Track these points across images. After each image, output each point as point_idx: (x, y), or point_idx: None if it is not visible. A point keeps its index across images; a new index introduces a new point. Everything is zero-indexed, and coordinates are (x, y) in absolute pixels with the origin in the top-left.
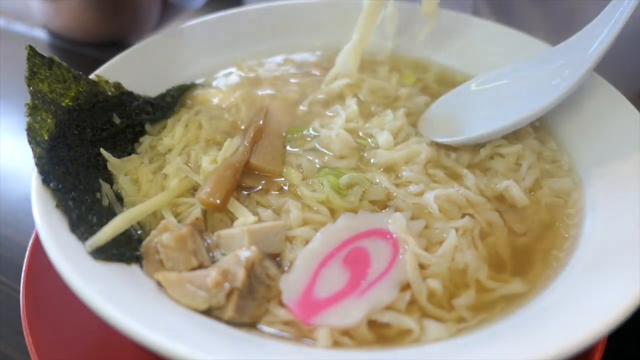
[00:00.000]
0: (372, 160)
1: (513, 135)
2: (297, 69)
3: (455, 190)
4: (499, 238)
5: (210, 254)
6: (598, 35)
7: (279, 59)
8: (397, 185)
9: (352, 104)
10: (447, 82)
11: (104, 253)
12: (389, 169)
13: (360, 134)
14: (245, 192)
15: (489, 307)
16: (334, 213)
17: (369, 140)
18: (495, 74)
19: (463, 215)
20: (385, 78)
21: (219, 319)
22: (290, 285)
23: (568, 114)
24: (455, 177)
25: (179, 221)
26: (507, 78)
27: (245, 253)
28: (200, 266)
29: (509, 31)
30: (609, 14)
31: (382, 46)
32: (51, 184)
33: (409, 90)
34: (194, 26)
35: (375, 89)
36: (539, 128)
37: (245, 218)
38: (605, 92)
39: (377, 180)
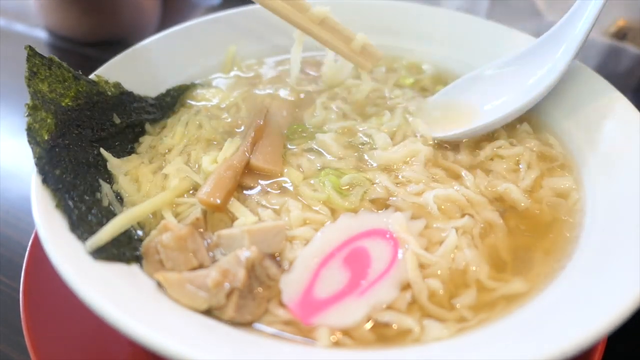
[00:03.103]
0: (370, 161)
1: (511, 134)
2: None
3: (454, 190)
4: (498, 237)
5: (210, 254)
6: (576, 26)
7: (278, 59)
8: (397, 185)
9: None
10: (443, 82)
11: (104, 253)
12: (388, 168)
13: (360, 135)
14: (245, 192)
15: (490, 307)
16: (334, 213)
17: (366, 139)
18: (485, 68)
19: (462, 215)
20: (382, 80)
21: (219, 319)
22: (290, 285)
23: (567, 113)
24: (455, 177)
25: (179, 221)
26: (496, 70)
27: (246, 253)
28: (201, 266)
29: (506, 30)
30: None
31: (380, 48)
32: (51, 184)
33: (403, 91)
34: (194, 26)
35: (370, 91)
36: (538, 127)
37: (245, 218)
38: (606, 92)
39: (378, 181)
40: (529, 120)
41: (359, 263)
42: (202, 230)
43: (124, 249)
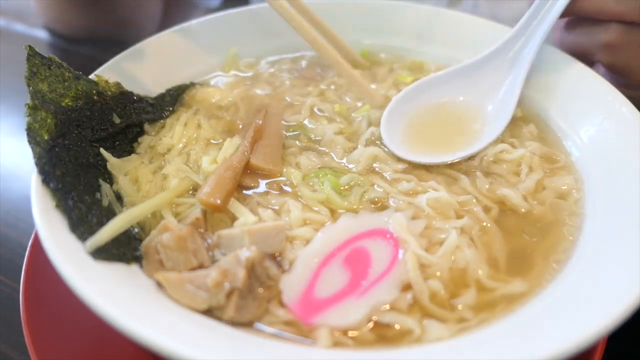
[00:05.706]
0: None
1: (514, 134)
2: (294, 68)
3: (444, 192)
4: (493, 237)
5: (210, 254)
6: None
7: (277, 58)
8: (390, 184)
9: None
10: None
11: (104, 253)
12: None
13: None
14: (245, 192)
15: (490, 307)
16: (334, 213)
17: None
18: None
19: (459, 215)
20: (383, 79)
21: (219, 319)
22: (291, 285)
23: (567, 114)
24: (453, 180)
25: (179, 221)
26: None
27: (246, 253)
28: (201, 266)
29: (506, 29)
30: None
31: (380, 48)
32: (51, 184)
33: (386, 90)
34: (194, 26)
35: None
36: (539, 128)
37: (245, 218)
38: (607, 93)
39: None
40: (533, 121)
41: (360, 263)
42: (202, 230)
43: (124, 249)
